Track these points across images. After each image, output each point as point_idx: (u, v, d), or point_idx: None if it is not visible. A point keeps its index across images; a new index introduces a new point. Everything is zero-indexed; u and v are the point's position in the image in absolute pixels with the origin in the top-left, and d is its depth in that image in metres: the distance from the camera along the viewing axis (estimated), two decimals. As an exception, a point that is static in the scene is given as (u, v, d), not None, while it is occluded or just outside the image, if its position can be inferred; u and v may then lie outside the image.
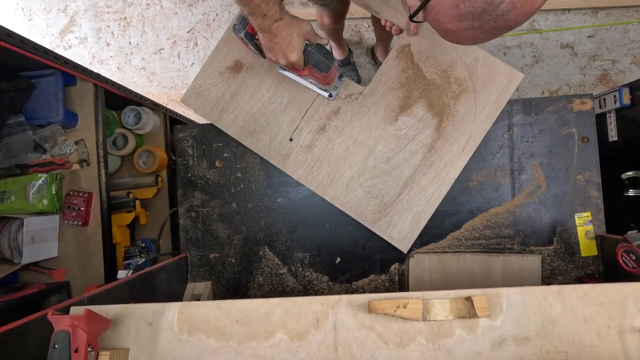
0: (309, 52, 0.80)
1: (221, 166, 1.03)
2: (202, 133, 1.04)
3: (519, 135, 0.97)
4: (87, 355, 0.54)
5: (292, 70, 0.89)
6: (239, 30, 0.81)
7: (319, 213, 1.00)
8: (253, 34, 0.81)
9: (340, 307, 0.60)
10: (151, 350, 0.60)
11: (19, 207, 1.07)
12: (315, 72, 0.84)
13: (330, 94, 0.96)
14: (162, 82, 2.19)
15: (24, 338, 0.58)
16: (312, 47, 0.80)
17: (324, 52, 0.80)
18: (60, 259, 1.12)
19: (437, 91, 0.94)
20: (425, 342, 0.57)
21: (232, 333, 0.60)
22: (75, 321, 0.54)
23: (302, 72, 0.90)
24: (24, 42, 0.91)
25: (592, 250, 0.94)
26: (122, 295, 0.75)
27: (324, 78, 0.87)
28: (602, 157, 0.95)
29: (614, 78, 1.90)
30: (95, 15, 2.25)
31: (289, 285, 1.00)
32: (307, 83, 0.96)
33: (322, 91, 0.96)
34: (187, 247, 1.03)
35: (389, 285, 0.98)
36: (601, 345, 0.56)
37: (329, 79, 0.88)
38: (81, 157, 1.13)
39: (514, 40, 1.94)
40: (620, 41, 1.89)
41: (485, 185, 0.97)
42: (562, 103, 0.96)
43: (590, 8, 1.89)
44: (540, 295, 0.59)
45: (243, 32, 0.81)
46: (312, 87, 0.96)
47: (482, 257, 0.95)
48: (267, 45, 0.79)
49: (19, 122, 1.07)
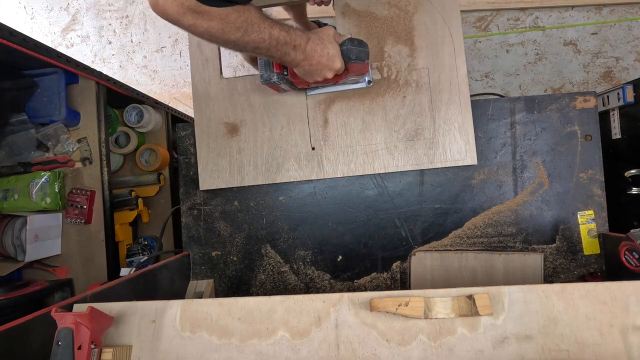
0: (346, 50, 0.78)
1: (223, 164, 1.03)
2: (204, 131, 1.04)
3: (521, 133, 0.96)
4: (90, 352, 0.55)
5: (328, 82, 0.85)
6: (269, 77, 0.80)
7: (320, 211, 1.00)
8: (281, 71, 0.80)
9: (342, 305, 0.60)
10: (154, 348, 0.60)
11: (22, 205, 1.08)
12: (356, 66, 0.82)
13: (369, 80, 0.94)
14: (164, 80, 2.19)
15: (28, 335, 0.58)
16: (346, 44, 0.78)
17: (357, 42, 0.79)
18: (63, 256, 1.13)
19: (397, 22, 0.95)
20: (427, 340, 0.57)
21: (234, 330, 0.60)
22: (79, 318, 0.54)
23: (340, 77, 0.86)
24: (26, 40, 0.91)
25: (594, 248, 0.94)
26: (125, 293, 0.76)
27: (365, 66, 0.85)
28: (605, 155, 0.94)
29: (618, 75, 1.89)
30: (97, 14, 2.26)
31: (290, 283, 1.01)
32: (339, 87, 0.95)
33: (358, 84, 0.94)
34: (189, 244, 1.03)
35: (391, 283, 0.98)
36: (603, 344, 0.56)
37: (368, 64, 0.85)
38: (84, 155, 1.14)
39: (517, 38, 1.93)
40: (624, 38, 1.88)
41: (488, 183, 0.97)
42: (565, 101, 0.95)
43: (594, 5, 1.87)
44: (542, 293, 0.59)
45: (275, 76, 0.80)
46: (346, 87, 0.95)
47: (484, 255, 0.95)
48: (307, 71, 0.77)
49: (21, 121, 1.08)
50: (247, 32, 0.65)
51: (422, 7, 0.95)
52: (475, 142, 0.95)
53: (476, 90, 1.94)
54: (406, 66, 0.95)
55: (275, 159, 0.97)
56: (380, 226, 0.99)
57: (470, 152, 0.93)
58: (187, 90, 2.17)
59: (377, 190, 0.99)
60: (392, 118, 0.95)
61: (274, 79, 0.81)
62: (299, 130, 0.97)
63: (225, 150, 0.99)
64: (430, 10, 0.95)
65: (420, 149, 0.94)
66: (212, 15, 0.61)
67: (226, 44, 0.68)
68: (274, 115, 0.98)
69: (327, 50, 0.76)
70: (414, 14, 0.95)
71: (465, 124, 0.93)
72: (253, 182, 0.98)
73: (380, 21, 0.96)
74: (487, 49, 1.95)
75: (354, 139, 0.96)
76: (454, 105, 0.93)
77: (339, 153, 0.96)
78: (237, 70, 2.10)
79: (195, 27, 0.62)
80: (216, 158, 0.99)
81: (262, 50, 0.70)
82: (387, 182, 0.99)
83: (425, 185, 0.98)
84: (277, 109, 0.98)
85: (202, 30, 0.62)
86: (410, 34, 0.95)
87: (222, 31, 0.63)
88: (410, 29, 0.95)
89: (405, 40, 0.95)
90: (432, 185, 0.98)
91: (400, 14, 0.96)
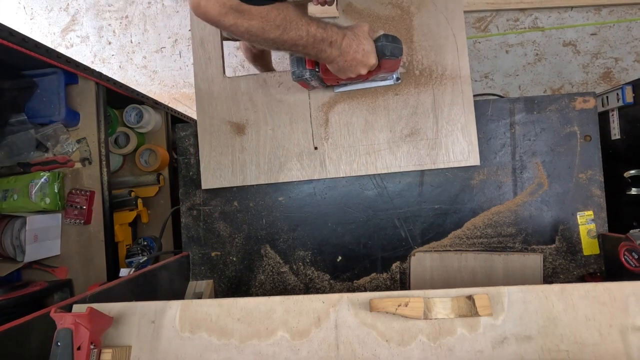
0: (381, 46, 0.77)
1: (223, 165, 1.03)
2: (203, 131, 1.04)
3: (521, 134, 0.96)
4: (90, 352, 0.55)
5: (359, 78, 0.84)
6: (301, 74, 0.80)
7: (320, 211, 1.00)
8: (313, 68, 0.80)
9: (341, 306, 0.60)
10: (153, 348, 0.60)
11: (21, 206, 1.07)
12: (389, 62, 0.80)
13: (398, 77, 0.94)
14: (164, 81, 2.19)
15: (27, 336, 0.58)
16: (381, 40, 0.77)
17: (391, 38, 0.78)
18: (62, 257, 1.12)
19: (400, 22, 0.95)
20: (427, 341, 0.57)
21: (234, 331, 0.60)
22: (78, 319, 0.54)
23: (371, 74, 0.84)
24: (25, 40, 0.91)
25: (594, 249, 0.94)
26: (124, 294, 0.76)
27: (397, 63, 0.84)
28: (605, 155, 0.94)
29: (617, 76, 1.89)
30: (96, 14, 2.26)
31: (290, 284, 1.01)
32: (367, 84, 0.94)
33: (387, 81, 0.94)
34: (188, 245, 1.03)
35: (391, 284, 0.98)
36: (603, 344, 0.56)
37: (400, 61, 0.84)
38: (83, 156, 1.14)
39: (516, 38, 1.93)
40: (624, 39, 1.88)
41: (487, 183, 0.97)
42: (565, 101, 0.96)
43: (593, 5, 1.88)
44: (541, 293, 0.59)
45: (307, 72, 0.79)
46: (374, 84, 0.94)
47: (483, 256, 0.95)
48: (341, 67, 0.77)
49: (21, 121, 1.08)
50: (286, 30, 0.66)
51: (425, 8, 0.95)
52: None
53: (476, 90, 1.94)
54: (409, 67, 0.95)
55: (277, 158, 0.97)
56: (379, 227, 0.99)
57: (473, 152, 0.93)
58: (186, 91, 2.17)
59: (376, 190, 0.99)
60: (395, 118, 0.95)
61: (306, 76, 0.80)
62: (301, 129, 0.97)
63: (227, 149, 0.99)
64: (433, 11, 0.95)
65: (422, 149, 0.94)
66: (253, 14, 0.61)
67: (265, 43, 0.68)
68: (276, 114, 0.98)
69: (363, 47, 0.75)
70: (415, 14, 0.95)
71: (468, 125, 0.93)
72: (255, 182, 0.98)
73: (382, 21, 0.96)
74: (487, 50, 1.95)
75: (356, 138, 0.96)
76: (456, 107, 0.93)
77: (341, 153, 0.96)
78: (236, 70, 2.10)
79: (236, 26, 0.62)
80: (218, 157, 0.99)
81: (299, 47, 0.70)
82: (387, 182, 0.99)
83: (425, 186, 0.98)
84: (280, 108, 0.98)
85: (243, 29, 0.63)
86: (413, 34, 0.95)
87: (263, 30, 0.64)
88: (413, 29, 0.95)
89: (408, 40, 0.95)
90: (431, 186, 0.98)
91: (403, 15, 0.96)
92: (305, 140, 0.97)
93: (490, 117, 0.97)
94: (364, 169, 0.96)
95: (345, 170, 0.96)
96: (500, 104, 0.97)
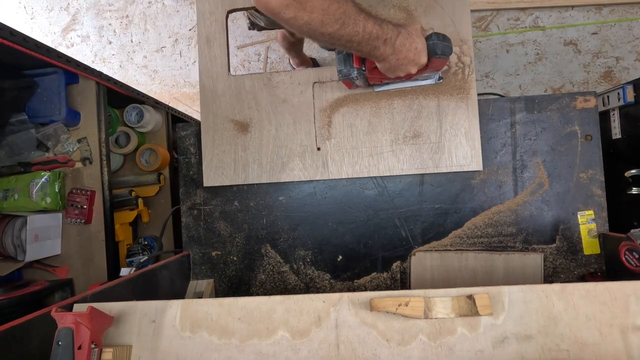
0: (432, 45, 0.75)
1: (223, 164, 1.03)
2: (204, 131, 1.04)
3: (521, 133, 0.96)
4: (91, 352, 0.55)
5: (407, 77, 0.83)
6: (348, 72, 0.78)
7: (320, 211, 1.00)
8: (360, 66, 0.79)
9: (342, 305, 0.60)
10: (154, 348, 0.60)
11: (22, 205, 1.08)
12: (438, 61, 0.79)
13: (440, 76, 0.92)
14: (164, 80, 2.19)
15: (28, 335, 0.58)
16: (432, 39, 0.76)
17: (442, 37, 0.76)
18: (63, 256, 1.13)
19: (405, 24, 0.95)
20: (427, 340, 0.57)
21: (234, 330, 0.60)
22: (79, 318, 0.54)
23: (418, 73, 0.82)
24: (26, 40, 0.91)
25: (594, 248, 0.94)
26: (125, 293, 0.76)
27: (444, 62, 0.82)
28: (606, 155, 0.94)
29: (618, 75, 1.88)
30: (97, 14, 2.26)
31: (290, 283, 1.01)
32: (409, 83, 0.93)
33: (429, 80, 0.92)
34: (189, 244, 1.03)
35: (391, 283, 0.98)
36: (603, 344, 0.56)
37: (447, 60, 0.82)
38: (84, 155, 1.14)
39: (517, 38, 1.93)
40: (625, 38, 1.87)
41: (488, 183, 0.97)
42: (565, 101, 0.95)
43: (594, 5, 1.87)
44: (542, 293, 0.59)
45: (355, 71, 0.78)
46: (416, 83, 0.93)
47: (484, 255, 0.95)
48: (392, 65, 0.76)
49: (21, 121, 1.08)
50: (344, 24, 0.65)
51: (432, 11, 0.94)
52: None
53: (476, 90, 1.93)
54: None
55: (280, 157, 0.97)
56: (380, 226, 0.99)
57: (476, 157, 0.93)
58: (187, 90, 2.17)
59: (377, 190, 0.99)
60: (399, 121, 0.95)
61: (354, 74, 0.79)
62: (305, 130, 0.97)
63: (230, 148, 0.99)
64: (440, 14, 0.94)
65: (425, 152, 0.94)
66: (314, 7, 0.61)
67: (321, 37, 0.66)
68: (280, 114, 0.98)
69: (415, 45, 0.74)
70: (420, 17, 0.94)
71: (471, 130, 0.93)
72: (257, 180, 0.98)
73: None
74: (487, 49, 1.95)
75: (359, 140, 0.96)
76: (461, 110, 0.93)
77: (344, 154, 0.96)
78: (237, 69, 2.10)
79: (295, 19, 0.61)
80: (221, 155, 0.99)
81: (354, 43, 0.69)
82: (387, 182, 0.99)
83: (425, 185, 0.98)
84: (283, 108, 0.98)
85: (302, 22, 0.62)
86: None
87: (322, 23, 0.63)
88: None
89: None
90: (432, 186, 0.98)
91: (408, 18, 0.95)
92: (308, 141, 0.97)
93: (491, 117, 0.97)
94: (366, 171, 0.96)
95: (348, 171, 0.96)
96: (501, 104, 0.97)
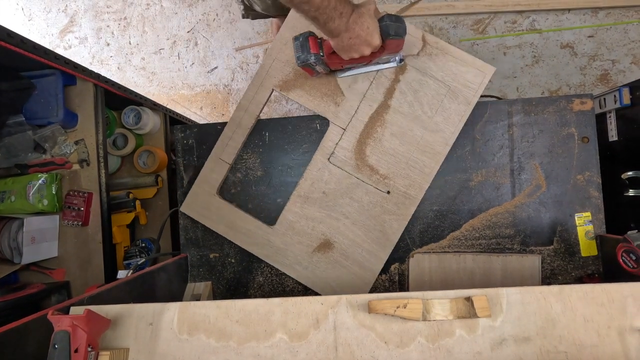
0: (385, 26, 0.75)
1: (221, 166, 1.03)
2: (201, 133, 1.04)
3: (519, 135, 0.97)
4: (87, 355, 0.54)
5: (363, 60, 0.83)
6: (305, 58, 0.79)
7: (319, 213, 1.00)
8: (318, 52, 0.79)
9: (340, 307, 0.60)
10: (151, 350, 0.60)
11: (19, 207, 1.07)
12: (394, 42, 0.79)
13: (401, 59, 0.92)
14: (162, 82, 2.19)
15: (24, 338, 0.58)
16: (384, 20, 0.76)
17: (394, 18, 0.76)
18: (60, 259, 1.12)
19: None
20: (425, 342, 0.57)
21: (232, 333, 0.60)
22: (75, 321, 0.54)
23: (375, 56, 0.83)
24: (24, 42, 0.91)
25: (592, 250, 0.94)
26: (122, 295, 0.75)
27: (401, 43, 0.82)
28: (602, 157, 0.95)
29: (614, 78, 1.90)
30: (95, 15, 2.26)
31: (288, 286, 1.00)
32: (371, 67, 0.92)
33: (390, 64, 0.92)
34: (187, 247, 1.03)
35: (389, 285, 0.98)
36: (601, 345, 0.56)
37: (403, 41, 0.82)
38: (81, 157, 1.13)
39: (514, 40, 1.94)
40: (621, 41, 1.89)
41: (485, 185, 0.97)
42: (562, 103, 0.96)
43: (590, 8, 1.88)
44: (540, 295, 0.59)
45: (312, 57, 0.78)
46: (378, 67, 0.93)
47: (482, 257, 0.95)
48: (346, 44, 0.76)
49: (19, 122, 1.07)
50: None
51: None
52: (473, 144, 0.96)
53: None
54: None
55: None
56: (378, 228, 0.99)
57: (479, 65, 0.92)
58: (185, 92, 2.17)
59: (375, 192, 0.99)
60: None
61: (312, 60, 0.79)
62: None
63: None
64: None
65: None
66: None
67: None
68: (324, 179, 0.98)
69: (367, 24, 0.74)
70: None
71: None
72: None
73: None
74: (485, 52, 1.96)
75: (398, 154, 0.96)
76: None
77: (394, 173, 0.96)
78: (235, 72, 2.10)
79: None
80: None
81: (312, 6, 0.68)
82: (385, 184, 0.98)
83: (424, 187, 0.98)
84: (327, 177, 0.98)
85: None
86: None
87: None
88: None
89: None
90: (430, 187, 0.98)
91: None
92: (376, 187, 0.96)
93: (489, 119, 0.97)
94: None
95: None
96: (499, 106, 0.97)
